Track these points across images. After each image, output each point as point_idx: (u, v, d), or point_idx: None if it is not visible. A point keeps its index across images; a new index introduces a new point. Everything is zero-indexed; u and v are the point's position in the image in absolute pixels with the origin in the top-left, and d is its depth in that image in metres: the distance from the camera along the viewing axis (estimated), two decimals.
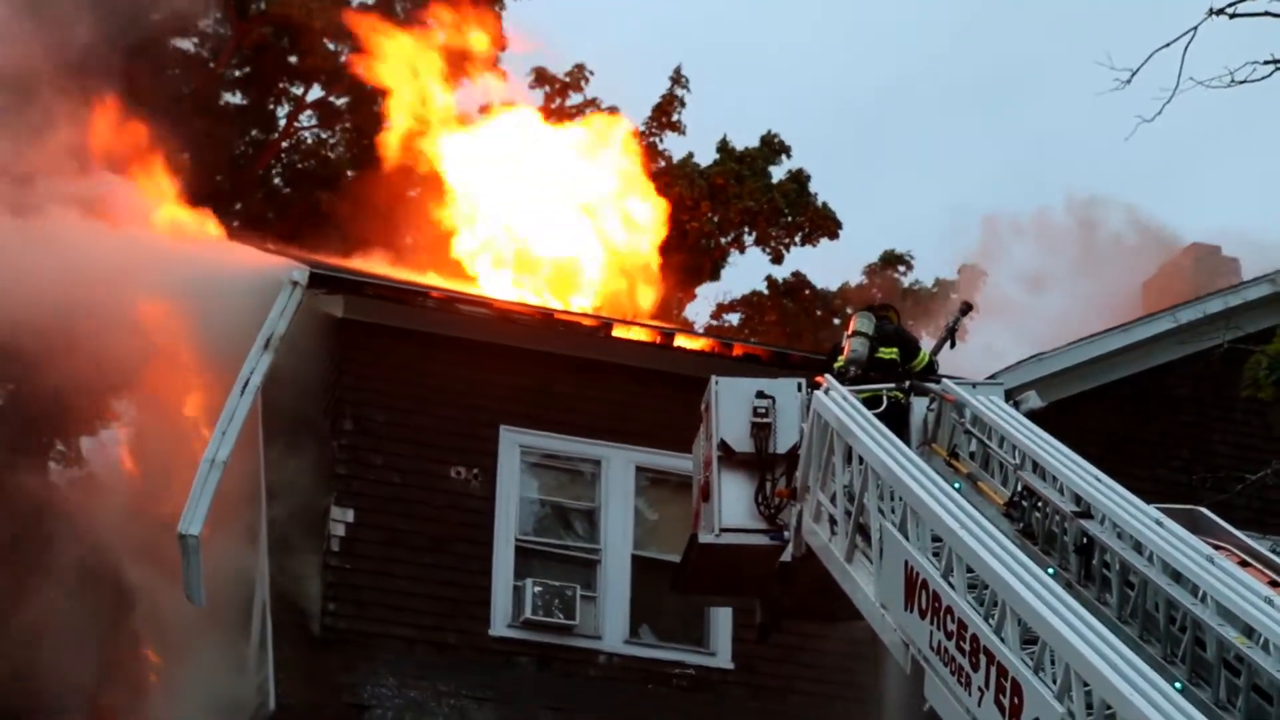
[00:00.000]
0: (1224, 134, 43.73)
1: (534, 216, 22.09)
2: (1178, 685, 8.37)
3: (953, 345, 14.06)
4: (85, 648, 17.73)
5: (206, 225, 20.59)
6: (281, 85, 29.68)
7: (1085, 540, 10.44)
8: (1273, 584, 9.80)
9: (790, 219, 30.83)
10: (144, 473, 20.26)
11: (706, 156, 30.87)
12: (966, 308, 14.31)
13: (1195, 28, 16.14)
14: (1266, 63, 16.38)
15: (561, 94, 29.90)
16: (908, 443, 12.25)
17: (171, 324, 17.76)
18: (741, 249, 31.08)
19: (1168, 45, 16.22)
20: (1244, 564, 10.17)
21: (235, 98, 29.77)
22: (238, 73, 29.54)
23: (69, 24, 22.67)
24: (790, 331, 29.76)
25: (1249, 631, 8.94)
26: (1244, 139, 45.18)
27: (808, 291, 31.03)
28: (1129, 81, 16.57)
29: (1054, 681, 8.67)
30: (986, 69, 47.24)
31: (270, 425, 17.09)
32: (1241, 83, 16.33)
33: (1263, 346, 15.74)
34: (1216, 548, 10.08)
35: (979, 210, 45.38)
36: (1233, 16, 16.33)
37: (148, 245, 18.44)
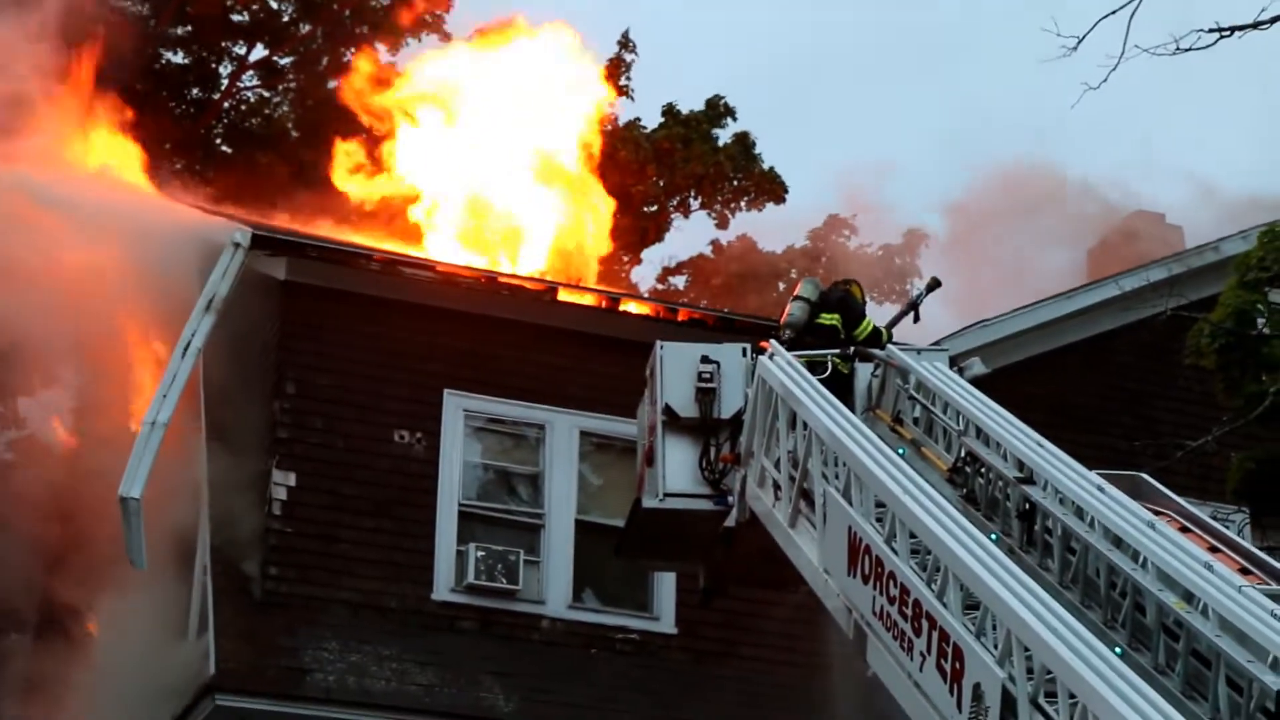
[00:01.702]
0: (1168, 101, 43.90)
1: (480, 176, 21.96)
2: (1118, 650, 8.40)
3: (916, 320, 14.07)
4: (22, 613, 17.59)
5: (147, 184, 20.38)
6: (224, 44, 29.44)
7: (1027, 506, 10.46)
8: (1212, 550, 9.85)
9: (736, 183, 30.83)
10: (84, 435, 20.10)
11: (653, 121, 30.82)
12: (934, 283, 14.30)
13: None
14: (1210, 30, 16.43)
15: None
16: (852, 409, 12.26)
17: (112, 285, 17.58)
18: (687, 213, 31.07)
19: (1114, 13, 16.26)
20: (1184, 530, 10.21)
21: (176, 57, 29.51)
22: (179, 31, 29.25)
23: None
24: (736, 295, 29.79)
25: (1189, 597, 8.97)
26: (1189, 107, 45.35)
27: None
28: (1075, 49, 16.60)
29: (995, 646, 8.69)
30: (926, 31, 47.29)
31: (211, 388, 16.97)
32: (1187, 50, 16.38)
33: (1205, 314, 15.81)
34: (1157, 513, 10.12)
35: (922, 173, 45.43)
36: None
37: (87, 203, 18.23)
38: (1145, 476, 11.30)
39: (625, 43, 30.70)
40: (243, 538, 16.28)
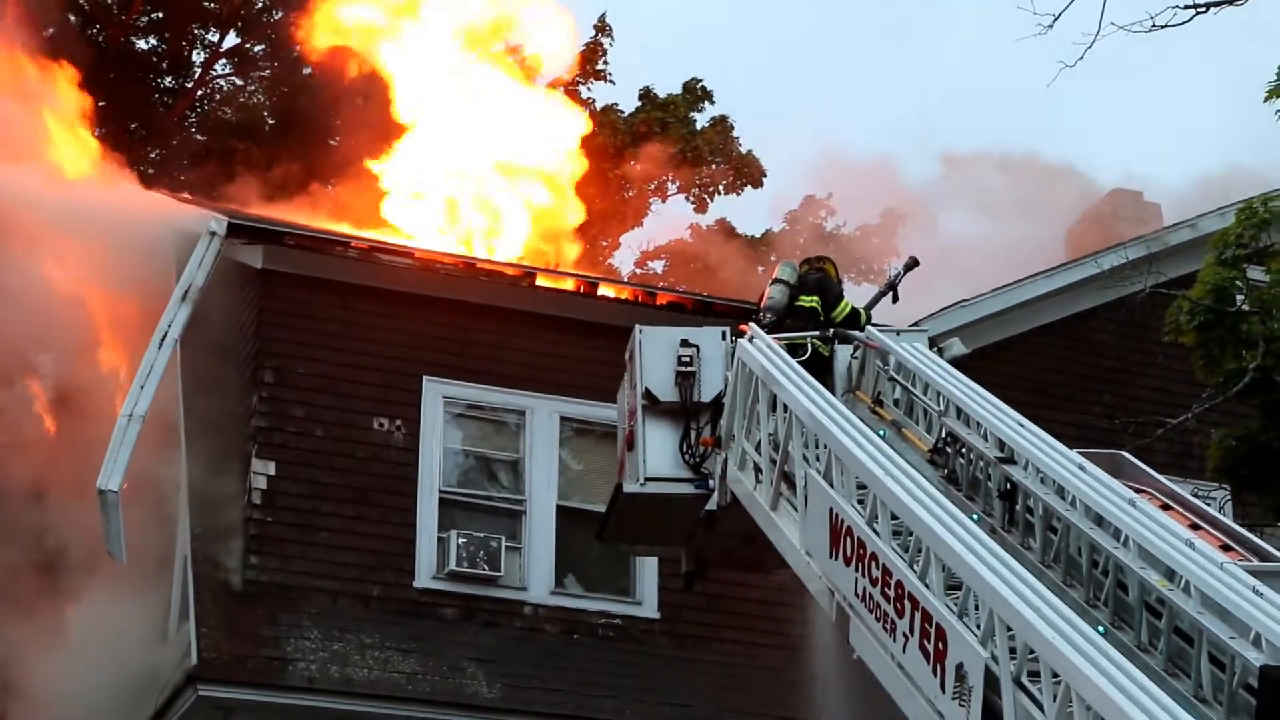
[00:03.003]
0: (1145, 78, 43.97)
1: (457, 163, 21.88)
2: (1100, 629, 8.39)
3: (895, 300, 14.05)
4: (1, 605, 17.51)
5: (122, 174, 20.28)
6: (196, 31, 29.31)
7: (1009, 485, 10.46)
8: (1193, 527, 9.85)
9: (714, 166, 30.78)
10: (61, 425, 20.00)
11: (630, 105, 30.76)
12: (912, 263, 14.26)
13: None
14: (1186, 7, 16.43)
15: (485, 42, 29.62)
16: (832, 391, 12.24)
17: (87, 274, 17.49)
18: (664, 197, 31.02)
19: None
20: (1165, 507, 10.21)
21: (148, 44, 29.38)
22: (150, 18, 29.12)
23: None
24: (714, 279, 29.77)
25: (1170, 575, 8.98)
26: (1166, 84, 45.40)
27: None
28: (1051, 26, 16.60)
29: (978, 626, 8.69)
30: (893, 10, 47.27)
31: (189, 377, 16.90)
32: (1162, 27, 16.39)
33: (1184, 291, 15.81)
34: (1138, 491, 10.12)
35: (895, 152, 45.41)
36: None
37: (62, 193, 18.14)
38: (1126, 454, 11.31)
39: (601, 27, 30.62)
40: (223, 527, 16.23)
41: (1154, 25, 16.40)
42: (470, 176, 21.96)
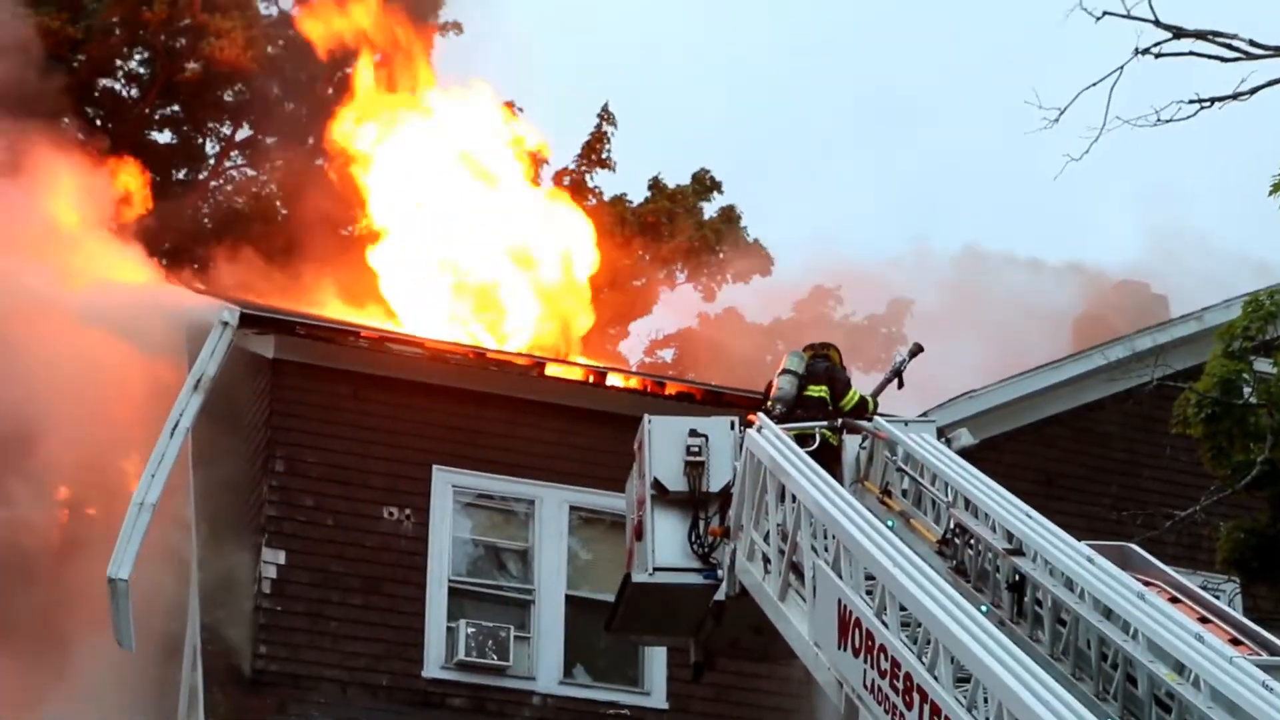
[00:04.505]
0: (1150, 171, 44.19)
1: (465, 253, 22.03)
2: None
3: (900, 386, 14.12)
4: (7, 692, 17.49)
5: (135, 264, 20.42)
6: (210, 124, 29.59)
7: (1017, 577, 10.48)
8: (1203, 620, 9.86)
9: (722, 256, 30.95)
10: (73, 513, 20.07)
11: (637, 192, 30.95)
12: (916, 349, 14.34)
13: (1121, 67, 16.35)
14: (1191, 101, 16.59)
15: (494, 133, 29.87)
16: (841, 481, 12.28)
17: (100, 363, 17.59)
18: (673, 285, 31.15)
19: (1094, 85, 16.42)
20: (1174, 600, 10.23)
21: (164, 136, 29.66)
22: (166, 111, 29.41)
23: None
24: (723, 368, 29.85)
25: (1180, 668, 8.99)
26: (1172, 176, 45.66)
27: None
28: (1057, 120, 16.76)
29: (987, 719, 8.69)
30: (900, 97, 47.70)
31: (200, 466, 16.96)
32: (1167, 121, 16.54)
33: (1191, 383, 15.85)
34: (1147, 584, 10.14)
35: (902, 241, 45.64)
36: (1158, 57, 16.54)
37: (77, 282, 18.28)
38: (1134, 547, 11.32)
39: (606, 115, 30.86)
40: (233, 616, 16.23)
41: (1159, 119, 16.56)
42: (480, 266, 22.11)
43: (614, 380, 17.72)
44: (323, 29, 26.22)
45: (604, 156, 30.71)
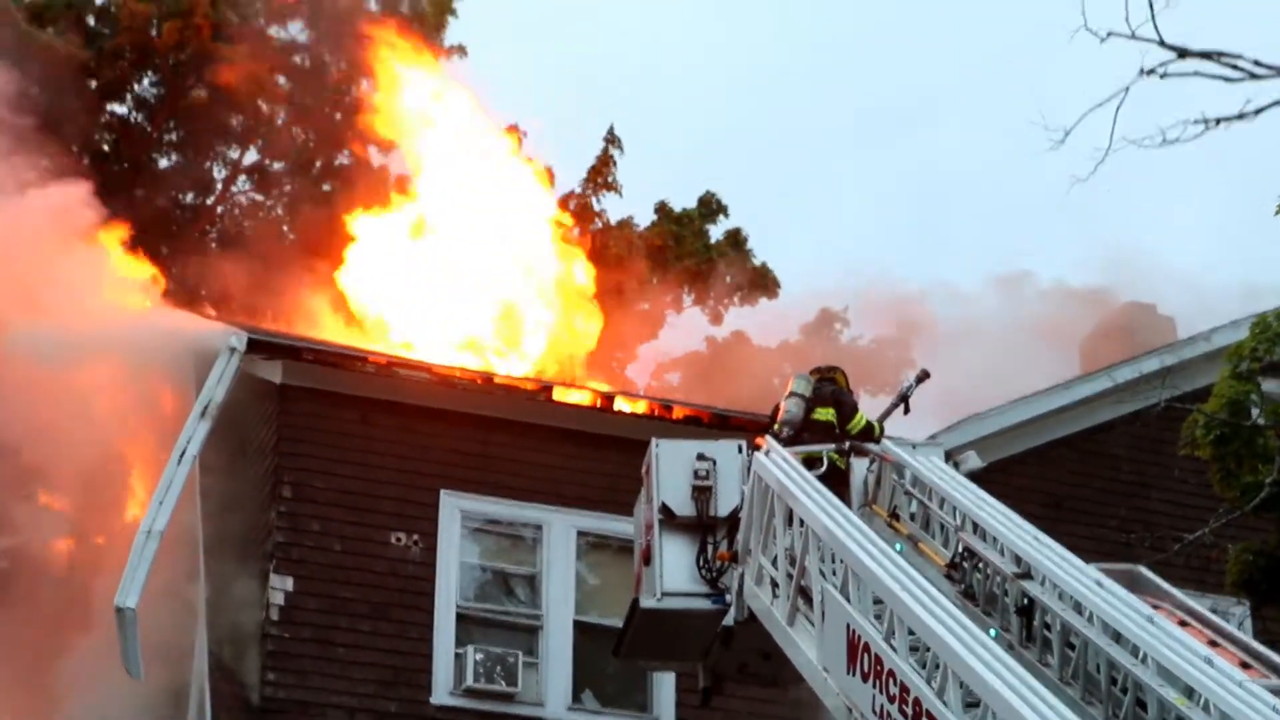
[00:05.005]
0: (1158, 190, 44.22)
1: (471, 280, 22.05)
2: None
3: (906, 411, 14.10)
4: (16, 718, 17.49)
5: (143, 289, 20.46)
6: (218, 148, 29.66)
7: (1026, 601, 10.46)
8: (1212, 644, 9.84)
9: (728, 279, 30.97)
10: (80, 540, 20.06)
11: (643, 213, 31.00)
12: (924, 375, 14.33)
13: (1127, 88, 16.36)
14: (1196, 122, 16.59)
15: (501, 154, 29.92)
16: (849, 504, 12.27)
17: (108, 391, 17.60)
18: (680, 309, 31.17)
19: (1099, 105, 16.43)
20: (1183, 624, 10.22)
21: (170, 160, 29.72)
22: (173, 135, 29.48)
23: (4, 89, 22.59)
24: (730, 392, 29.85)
25: (1189, 692, 8.96)
26: (1180, 196, 45.68)
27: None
28: (1063, 141, 16.76)
29: None
30: (905, 119, 47.86)
31: (208, 492, 16.95)
32: (1173, 142, 16.53)
33: (1199, 405, 15.83)
34: (1156, 607, 10.12)
35: (909, 263, 45.65)
36: (1163, 77, 16.55)
37: (84, 308, 18.30)
38: (1143, 570, 11.31)
39: (611, 139, 30.90)
40: (241, 643, 16.22)
41: (1164, 140, 16.55)
42: (487, 290, 22.13)
43: (621, 404, 17.71)
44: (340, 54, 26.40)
45: (610, 180, 30.76)
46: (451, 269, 22.26)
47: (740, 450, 13.30)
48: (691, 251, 30.64)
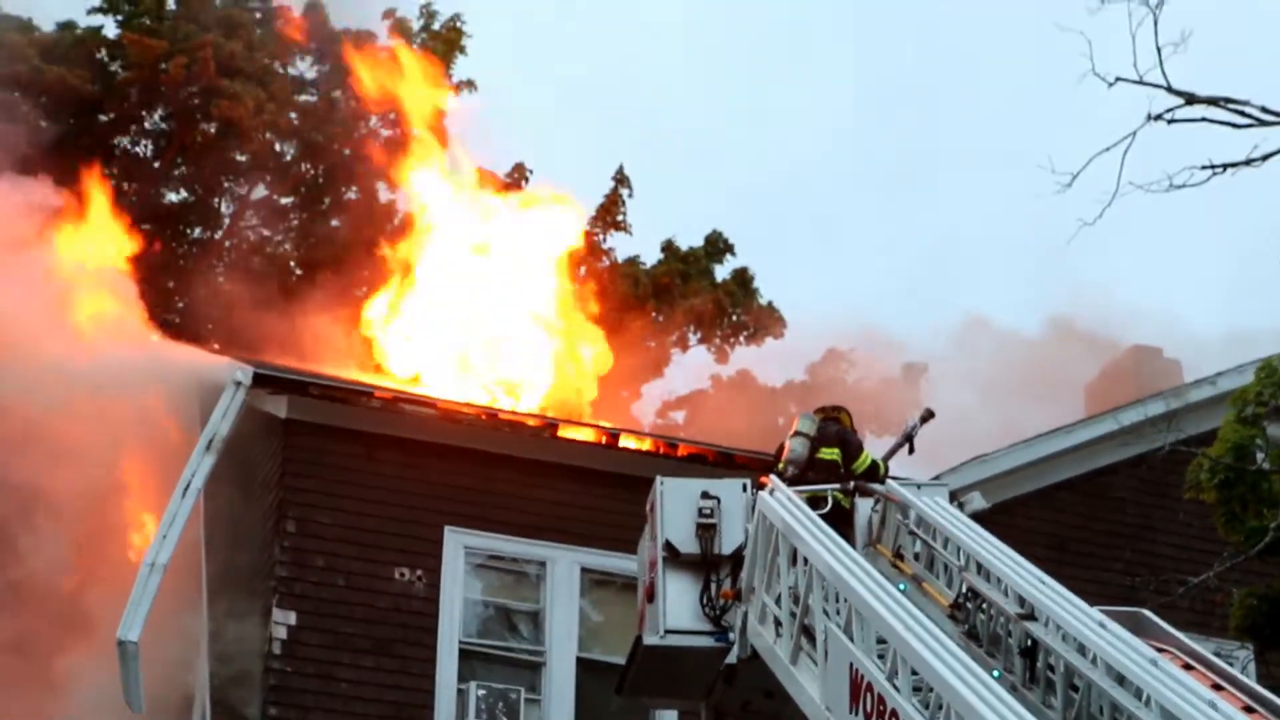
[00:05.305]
0: (1163, 235, 44.31)
1: (477, 315, 22.08)
2: None
3: (911, 451, 14.10)
4: None
5: (148, 324, 20.50)
6: (225, 184, 29.77)
7: (1030, 642, 10.44)
8: (1216, 687, 9.82)
9: (735, 318, 31.01)
10: (84, 574, 20.04)
11: (651, 253, 31.07)
12: (928, 415, 14.33)
13: (1134, 133, 16.42)
14: (1204, 167, 16.65)
15: (503, 192, 30.05)
16: (853, 544, 12.26)
17: (112, 423, 17.62)
18: (685, 347, 31.21)
19: (1107, 150, 16.49)
20: (1188, 667, 10.20)
21: (178, 195, 29.84)
22: (180, 170, 29.60)
23: (12, 120, 22.69)
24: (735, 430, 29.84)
25: None
26: (1185, 240, 45.76)
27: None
28: (1070, 185, 16.82)
29: None
30: (913, 161, 47.98)
31: (212, 526, 16.95)
32: (1180, 187, 16.59)
33: (1204, 448, 15.83)
34: (1160, 650, 10.10)
35: (916, 305, 45.71)
36: (1171, 123, 16.61)
37: (90, 343, 18.33)
38: (1147, 613, 11.30)
39: (620, 178, 30.99)
40: (243, 677, 16.18)
41: (1171, 185, 16.60)
42: (490, 326, 22.15)
43: (626, 442, 17.71)
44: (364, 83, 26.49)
45: (619, 219, 30.85)
46: (457, 304, 22.29)
47: (745, 489, 13.31)
48: (698, 290, 30.68)
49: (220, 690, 16.14)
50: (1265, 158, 16.46)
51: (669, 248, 31.29)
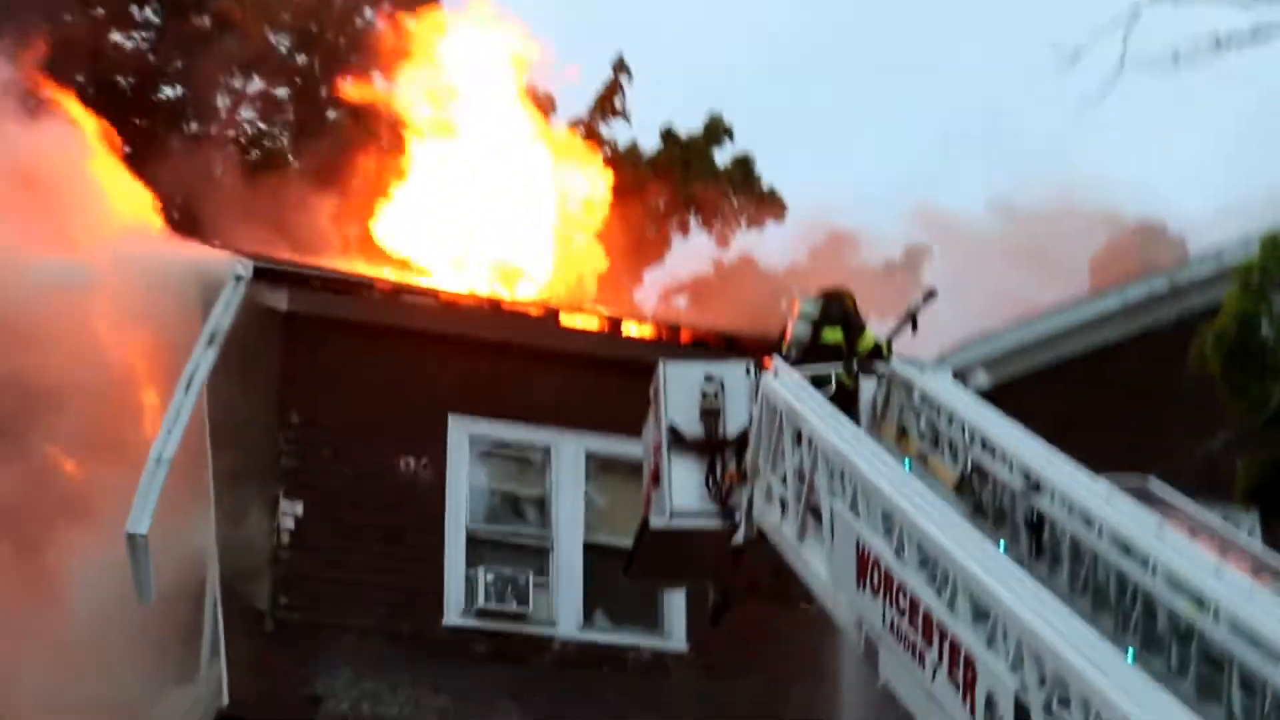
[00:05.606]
0: (1168, 112, 43.96)
1: (478, 202, 21.97)
2: (1129, 653, 8.41)
3: (914, 331, 14.04)
4: (26, 644, 17.59)
5: (147, 219, 20.40)
6: (221, 78, 29.55)
7: (1036, 515, 10.46)
8: (1222, 553, 9.84)
9: (735, 203, 30.89)
10: (88, 469, 20.09)
11: (650, 140, 30.88)
12: (930, 294, 14.26)
13: (1138, 10, 16.24)
14: (1207, 44, 16.47)
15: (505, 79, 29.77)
16: (857, 423, 12.26)
17: (114, 318, 17.59)
18: (686, 232, 31.11)
19: (1111, 27, 16.31)
20: (1193, 534, 10.21)
21: (174, 90, 29.64)
22: (176, 65, 29.39)
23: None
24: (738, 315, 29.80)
25: (1199, 601, 8.97)
26: (1188, 115, 45.42)
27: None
28: (1075, 62, 16.65)
29: (1007, 655, 8.69)
30: (910, 37, 47.47)
31: (216, 420, 16.97)
32: (1184, 63, 16.42)
33: (1209, 322, 15.79)
34: (1166, 518, 10.12)
35: (918, 183, 45.42)
36: (1176, 2, 16.43)
37: (89, 239, 18.27)
38: (1153, 479, 11.31)
39: (620, 66, 30.75)
40: (252, 568, 16.27)
41: (1176, 60, 16.43)
42: (491, 214, 22.05)
43: (629, 328, 17.69)
44: None
45: (618, 108, 30.65)
46: (459, 195, 22.18)
47: (748, 371, 13.28)
48: (698, 176, 30.53)
49: (230, 581, 16.23)
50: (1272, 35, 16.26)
51: (667, 134, 31.09)
